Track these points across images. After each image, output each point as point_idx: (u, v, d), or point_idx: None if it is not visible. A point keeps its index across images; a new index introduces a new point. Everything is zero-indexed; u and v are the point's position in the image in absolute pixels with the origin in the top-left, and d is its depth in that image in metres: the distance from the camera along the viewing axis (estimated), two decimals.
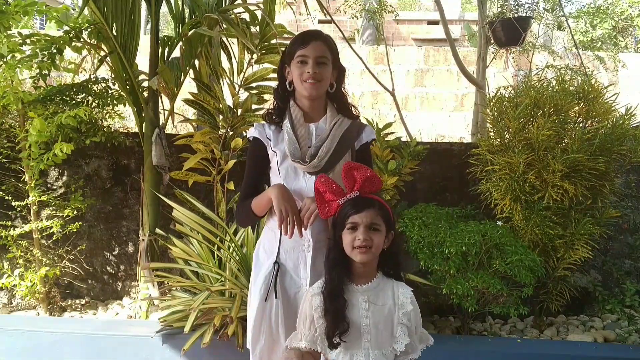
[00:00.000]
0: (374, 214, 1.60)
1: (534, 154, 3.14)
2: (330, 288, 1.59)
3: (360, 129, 1.92)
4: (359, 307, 1.59)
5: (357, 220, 1.59)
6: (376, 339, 1.58)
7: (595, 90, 3.28)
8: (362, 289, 1.62)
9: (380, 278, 1.65)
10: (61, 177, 3.85)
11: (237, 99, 3.35)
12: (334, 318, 1.56)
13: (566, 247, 3.20)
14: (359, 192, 1.63)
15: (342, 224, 1.61)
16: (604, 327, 3.47)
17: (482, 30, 5.50)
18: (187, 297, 3.13)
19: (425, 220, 3.16)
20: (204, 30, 3.02)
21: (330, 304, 1.57)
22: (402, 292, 1.64)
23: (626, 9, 12.45)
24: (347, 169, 1.65)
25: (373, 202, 1.62)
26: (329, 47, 1.86)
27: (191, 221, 3.12)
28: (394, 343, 1.59)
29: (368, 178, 1.63)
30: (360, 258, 1.58)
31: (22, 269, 3.55)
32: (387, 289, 1.64)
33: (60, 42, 3.19)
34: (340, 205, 1.63)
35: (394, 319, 1.61)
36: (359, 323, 1.58)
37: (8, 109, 3.41)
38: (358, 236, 1.57)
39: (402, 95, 8.88)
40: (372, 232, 1.59)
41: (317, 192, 1.66)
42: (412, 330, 1.63)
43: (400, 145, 3.50)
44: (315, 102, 1.88)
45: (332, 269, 1.61)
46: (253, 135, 1.91)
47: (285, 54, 1.90)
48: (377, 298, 1.62)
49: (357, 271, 1.63)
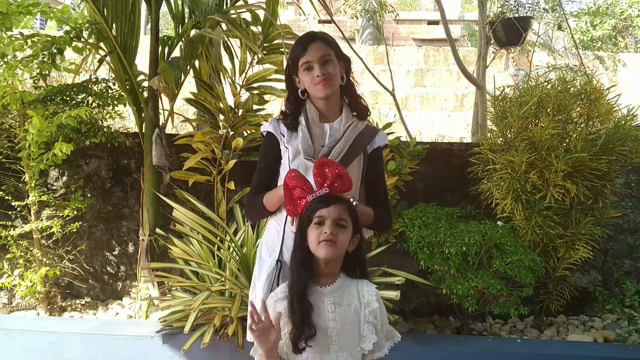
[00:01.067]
0: (342, 209, 1.57)
1: (537, 154, 3.14)
2: (298, 289, 1.55)
3: (374, 134, 1.93)
4: (325, 310, 1.56)
5: (325, 213, 1.56)
6: (344, 340, 1.56)
7: (597, 90, 3.29)
8: (327, 291, 1.59)
9: (343, 278, 1.62)
10: (61, 177, 3.85)
11: (238, 98, 3.35)
12: (300, 323, 1.52)
13: (567, 247, 3.20)
14: (328, 189, 1.60)
15: (309, 219, 1.58)
16: (604, 327, 3.47)
17: (482, 30, 5.50)
18: (187, 297, 3.13)
19: (425, 220, 3.16)
20: (207, 33, 3.02)
21: (298, 307, 1.53)
22: (367, 289, 1.62)
23: (626, 9, 12.45)
24: (319, 165, 1.62)
25: (342, 200, 1.60)
26: (328, 44, 1.86)
27: (191, 221, 3.11)
28: (362, 342, 1.57)
29: (339, 175, 1.60)
30: (325, 253, 1.54)
31: (22, 269, 3.55)
32: (351, 288, 1.62)
33: (61, 42, 3.19)
34: (308, 202, 1.60)
35: (361, 318, 1.59)
36: (326, 326, 1.55)
37: (8, 109, 3.41)
38: (325, 230, 1.54)
39: (402, 95, 8.88)
40: (339, 228, 1.56)
41: (285, 188, 1.63)
42: (378, 329, 1.60)
43: (400, 145, 3.50)
44: (330, 101, 1.88)
45: (299, 268, 1.58)
46: (267, 130, 1.92)
47: (289, 65, 1.90)
48: (342, 298, 1.59)
49: (321, 271, 1.59)
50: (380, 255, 3.34)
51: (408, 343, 3.09)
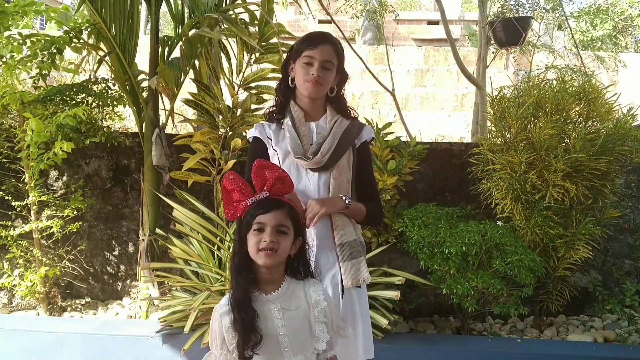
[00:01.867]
0: (282, 215, 1.50)
1: (536, 154, 3.14)
2: (237, 296, 1.49)
3: (360, 128, 1.93)
4: (272, 317, 1.50)
5: (265, 220, 1.49)
6: (297, 345, 1.51)
7: (595, 90, 3.28)
8: (272, 297, 1.52)
9: (288, 281, 1.57)
10: (61, 177, 3.85)
11: (236, 99, 3.35)
12: (243, 330, 1.45)
13: (567, 247, 3.20)
14: (268, 192, 1.54)
15: (248, 225, 1.51)
16: (604, 327, 3.47)
17: (482, 30, 5.50)
18: (187, 297, 3.13)
19: (425, 220, 3.16)
20: (205, 32, 3.02)
21: (238, 315, 1.47)
22: (314, 289, 1.57)
23: (626, 9, 12.45)
24: (257, 168, 1.56)
25: (283, 204, 1.53)
26: (336, 52, 1.86)
27: (191, 221, 3.12)
28: (315, 343, 1.53)
29: (279, 178, 1.55)
30: (264, 261, 1.48)
31: (22, 269, 3.55)
32: (297, 290, 1.56)
33: (60, 42, 3.19)
34: (247, 206, 1.53)
35: (311, 319, 1.54)
36: (276, 333, 1.49)
37: (8, 109, 3.41)
38: (264, 238, 1.48)
39: (402, 95, 8.88)
40: (280, 234, 1.49)
41: (224, 191, 1.57)
42: (329, 326, 1.56)
43: (400, 145, 3.50)
44: (315, 102, 1.90)
45: (238, 274, 1.52)
46: (253, 135, 1.92)
47: (292, 51, 1.90)
48: (289, 303, 1.53)
49: (263, 277, 1.53)
50: (380, 255, 3.34)
51: (408, 343, 3.10)
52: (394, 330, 3.10)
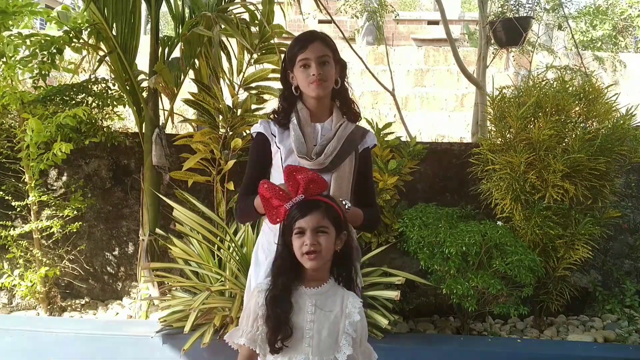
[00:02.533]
0: (319, 216, 1.53)
1: (535, 154, 3.14)
2: (273, 295, 1.53)
3: (364, 134, 1.94)
4: (305, 311, 1.54)
5: (303, 224, 1.53)
6: (318, 345, 1.53)
7: (595, 90, 3.28)
8: (311, 292, 1.57)
9: (331, 283, 1.60)
10: (61, 177, 3.85)
11: (236, 99, 3.35)
12: (275, 324, 1.51)
13: (566, 247, 3.20)
14: (303, 194, 1.57)
15: (290, 229, 1.55)
16: (604, 327, 3.47)
17: (482, 30, 5.49)
18: (187, 297, 3.13)
19: (425, 220, 3.16)
20: (201, 30, 3.02)
21: (272, 310, 1.52)
22: (352, 302, 1.59)
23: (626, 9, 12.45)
24: (288, 173, 1.59)
25: (319, 204, 1.56)
26: (328, 45, 1.87)
27: (191, 221, 3.11)
28: (337, 352, 1.54)
29: (311, 179, 1.57)
30: (310, 265, 1.53)
31: (22, 269, 3.55)
32: (336, 295, 1.59)
33: (60, 42, 3.19)
34: (287, 210, 1.57)
35: (340, 328, 1.55)
36: (303, 327, 1.53)
37: (8, 109, 3.41)
38: (305, 241, 1.52)
39: (402, 95, 8.88)
40: (320, 235, 1.53)
41: (262, 199, 1.61)
42: (356, 342, 1.58)
43: (400, 145, 3.51)
44: (322, 101, 1.90)
45: (278, 276, 1.56)
46: (258, 131, 1.93)
47: (286, 61, 1.91)
48: (324, 303, 1.57)
49: (308, 275, 1.57)
50: (380, 255, 3.34)
51: (408, 343, 3.10)
52: (394, 330, 3.10)
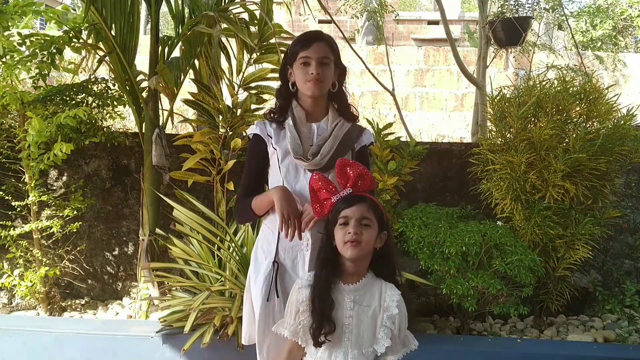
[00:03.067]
0: (365, 208, 1.60)
1: (536, 154, 3.14)
2: (320, 288, 1.59)
3: (361, 132, 1.95)
4: (344, 307, 1.59)
5: (349, 213, 1.59)
6: (357, 339, 1.59)
7: (596, 90, 3.28)
8: (349, 289, 1.62)
9: (369, 278, 1.65)
10: (61, 177, 3.85)
11: (236, 99, 3.35)
12: (320, 318, 1.56)
13: (566, 247, 3.20)
14: (351, 189, 1.64)
15: (334, 220, 1.62)
16: (604, 327, 3.47)
17: (482, 30, 5.49)
18: (187, 297, 3.13)
19: (425, 220, 3.16)
20: (202, 28, 3.02)
21: (318, 305, 1.57)
22: (390, 294, 1.64)
23: (626, 9, 12.45)
24: (340, 166, 1.66)
25: (365, 198, 1.63)
26: (331, 48, 1.88)
27: (191, 221, 3.11)
28: (375, 344, 1.60)
29: (360, 175, 1.64)
30: (351, 253, 1.58)
31: (22, 269, 3.55)
32: (374, 289, 1.64)
33: (60, 42, 3.19)
34: (333, 204, 1.64)
35: (378, 321, 1.61)
36: (342, 322, 1.58)
37: (8, 109, 3.41)
38: (349, 230, 1.58)
39: (402, 95, 8.88)
40: (363, 227, 1.59)
41: (311, 190, 1.67)
42: (394, 334, 1.63)
43: (400, 145, 3.50)
44: (317, 101, 1.90)
45: (323, 267, 1.61)
46: (254, 132, 1.93)
47: (288, 56, 1.91)
48: (362, 298, 1.62)
49: (348, 270, 1.62)
50: None
51: None
52: None
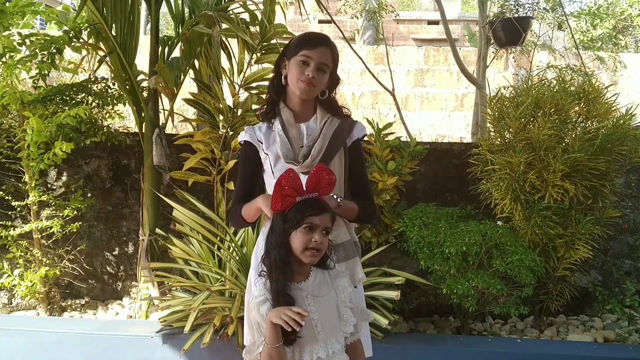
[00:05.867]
0: (329, 218, 1.61)
1: (535, 154, 3.14)
2: (277, 288, 1.57)
3: (351, 126, 1.92)
4: (305, 304, 1.60)
5: (317, 222, 1.58)
6: (329, 329, 1.61)
7: (595, 90, 3.28)
8: (303, 286, 1.62)
9: (315, 271, 1.66)
10: (61, 177, 3.85)
11: (237, 98, 3.35)
12: None
13: (566, 247, 3.20)
14: (318, 193, 1.63)
15: (296, 222, 1.59)
16: (604, 327, 3.47)
17: (482, 30, 5.49)
18: (187, 297, 3.13)
19: (425, 220, 3.16)
20: (201, 29, 3.02)
21: (283, 303, 1.56)
22: (338, 277, 1.68)
23: (626, 9, 12.44)
24: (318, 170, 1.62)
25: (329, 208, 1.63)
26: (333, 56, 1.87)
27: (191, 221, 3.11)
28: (344, 327, 1.63)
29: (330, 182, 1.63)
30: (310, 261, 1.59)
31: (22, 269, 3.55)
32: (324, 279, 1.66)
33: (60, 42, 3.19)
34: (295, 202, 1.61)
35: (339, 304, 1.64)
36: (309, 319, 1.58)
37: (8, 109, 3.41)
38: (315, 237, 1.57)
39: (402, 95, 8.88)
40: (324, 235, 1.60)
41: (277, 184, 1.61)
42: (355, 310, 1.67)
43: (400, 145, 3.50)
44: (305, 103, 1.89)
45: (280, 268, 1.59)
46: (244, 139, 1.92)
47: (289, 48, 1.89)
48: (319, 290, 1.63)
49: (296, 269, 1.62)
50: (380, 255, 3.34)
51: (408, 343, 3.10)
52: (394, 330, 3.10)
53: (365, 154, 2.28)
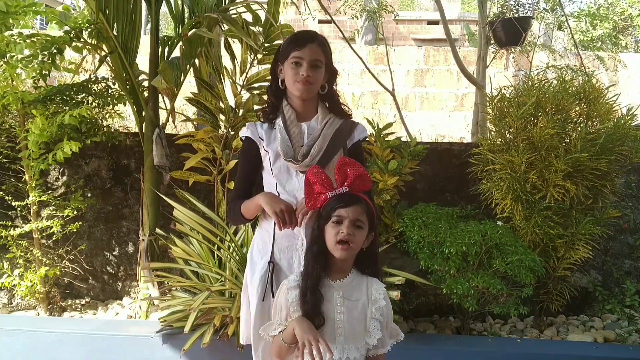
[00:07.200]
0: (360, 210, 1.61)
1: (536, 154, 3.14)
2: (311, 282, 1.59)
3: (352, 127, 1.92)
4: (333, 303, 1.61)
5: (344, 213, 1.59)
6: (350, 333, 1.61)
7: (596, 90, 3.29)
8: (338, 285, 1.64)
9: (354, 274, 1.67)
10: (61, 177, 3.85)
11: (239, 98, 3.34)
12: (311, 312, 1.57)
13: (566, 247, 3.20)
14: (348, 188, 1.64)
15: (327, 217, 1.62)
16: (604, 327, 3.47)
17: (482, 30, 5.50)
18: (187, 297, 3.13)
19: (425, 220, 3.16)
20: (203, 32, 3.02)
21: (310, 298, 1.58)
22: (376, 287, 1.68)
23: (626, 9, 12.45)
24: (340, 165, 1.66)
25: (360, 200, 1.64)
26: (324, 50, 1.87)
27: (191, 221, 3.11)
28: (367, 337, 1.62)
29: (360, 175, 1.64)
30: (341, 255, 1.60)
31: (22, 269, 3.55)
32: (361, 284, 1.67)
33: (61, 42, 3.19)
34: (327, 199, 1.64)
35: (367, 314, 1.64)
36: (333, 318, 1.60)
37: (8, 109, 3.41)
38: (342, 229, 1.58)
39: (402, 95, 8.89)
40: (356, 228, 1.60)
41: (306, 183, 1.66)
42: (383, 325, 1.66)
43: (400, 145, 3.50)
44: (306, 102, 1.90)
45: (315, 262, 1.62)
46: (245, 135, 1.93)
47: (280, 53, 1.90)
48: (351, 294, 1.64)
49: (334, 266, 1.64)
50: (381, 255, 3.31)
51: (408, 343, 3.09)
52: None
53: (365, 154, 2.28)
